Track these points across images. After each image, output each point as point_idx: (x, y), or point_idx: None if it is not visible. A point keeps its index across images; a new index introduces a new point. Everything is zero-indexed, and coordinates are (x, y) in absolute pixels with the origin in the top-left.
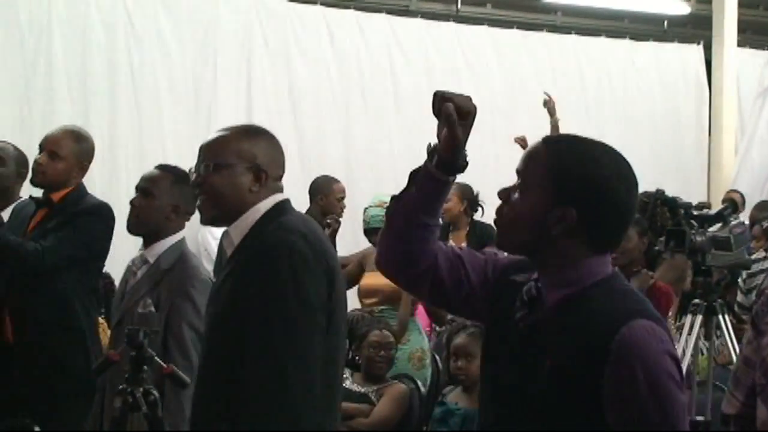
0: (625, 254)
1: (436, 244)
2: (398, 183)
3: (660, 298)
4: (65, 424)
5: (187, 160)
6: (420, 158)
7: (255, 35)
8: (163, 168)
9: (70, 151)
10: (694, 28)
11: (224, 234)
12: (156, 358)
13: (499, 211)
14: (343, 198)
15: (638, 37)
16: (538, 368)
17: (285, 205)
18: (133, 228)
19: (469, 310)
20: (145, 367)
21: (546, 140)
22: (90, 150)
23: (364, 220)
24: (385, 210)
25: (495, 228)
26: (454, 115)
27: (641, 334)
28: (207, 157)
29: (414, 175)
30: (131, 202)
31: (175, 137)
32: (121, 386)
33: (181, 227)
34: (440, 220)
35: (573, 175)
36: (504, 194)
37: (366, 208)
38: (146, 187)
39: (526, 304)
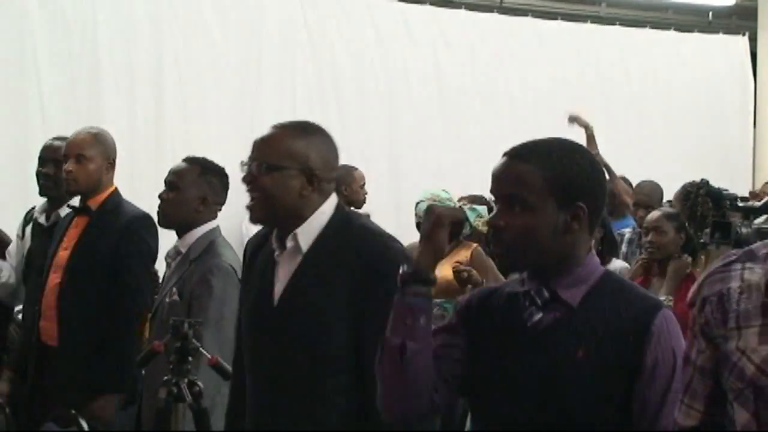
0: (661, 249)
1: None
2: (443, 174)
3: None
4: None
5: (232, 152)
6: (464, 149)
7: (299, 26)
8: (190, 160)
9: (96, 151)
10: (740, 19)
11: (282, 236)
12: (201, 349)
13: (496, 240)
14: (364, 184)
15: (683, 28)
16: (567, 360)
17: (343, 205)
18: (162, 222)
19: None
20: (190, 358)
21: (518, 155)
22: (112, 145)
23: (416, 214)
24: (437, 205)
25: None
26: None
27: (672, 322)
28: (260, 155)
29: (413, 309)
30: (160, 196)
31: (220, 129)
32: (165, 377)
33: (213, 217)
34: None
35: (571, 177)
36: (498, 222)
37: (418, 203)
38: (172, 181)
39: (541, 307)
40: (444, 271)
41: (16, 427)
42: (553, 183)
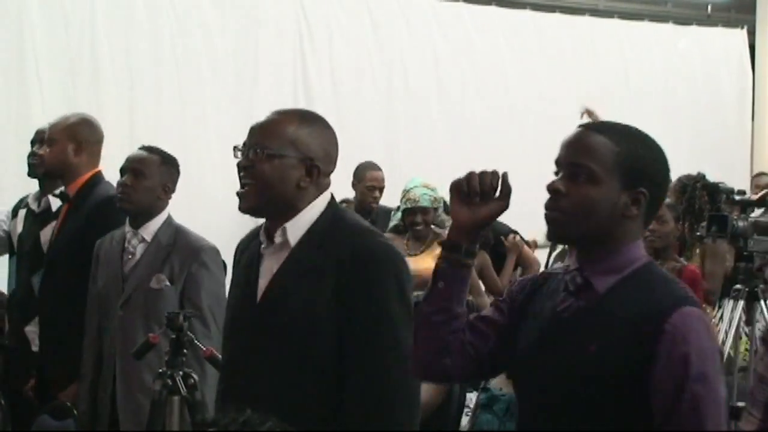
0: (662, 238)
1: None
2: (440, 167)
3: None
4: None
5: (230, 145)
6: (461, 142)
7: (297, 19)
8: (150, 149)
9: (62, 135)
10: (738, 13)
11: (271, 229)
12: (196, 341)
13: (553, 204)
14: (375, 187)
15: (681, 21)
16: (580, 353)
17: (336, 202)
18: (125, 207)
19: (503, 363)
20: (185, 350)
21: (595, 128)
22: (85, 129)
23: (410, 199)
24: (431, 192)
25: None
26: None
27: (693, 321)
28: (260, 141)
29: (437, 272)
30: (121, 183)
31: (218, 122)
32: (160, 369)
33: (166, 205)
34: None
35: (641, 159)
36: (557, 186)
37: (410, 189)
38: (137, 168)
39: (573, 293)
40: (426, 262)
41: (12, 419)
42: (622, 160)
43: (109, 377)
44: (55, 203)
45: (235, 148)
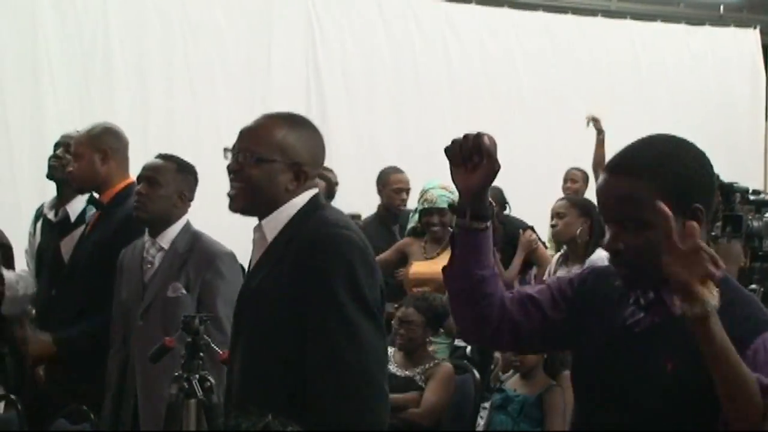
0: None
1: (501, 293)
2: None
3: None
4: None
5: None
6: None
7: (309, 21)
8: (165, 157)
9: (84, 148)
10: (750, 13)
11: (256, 228)
12: (212, 344)
13: (618, 261)
14: (401, 189)
15: (693, 21)
16: (657, 371)
17: (319, 199)
18: (140, 215)
19: (551, 344)
20: (201, 353)
21: (623, 170)
22: (108, 137)
23: (427, 200)
24: (449, 194)
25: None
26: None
27: None
28: (248, 146)
29: (453, 240)
30: (137, 192)
31: (230, 125)
32: (177, 373)
33: (185, 212)
34: (494, 268)
35: (681, 179)
36: (616, 246)
37: (427, 189)
38: (152, 176)
39: (644, 308)
40: (441, 265)
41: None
42: (666, 194)
43: (133, 388)
44: (73, 213)
45: (225, 150)
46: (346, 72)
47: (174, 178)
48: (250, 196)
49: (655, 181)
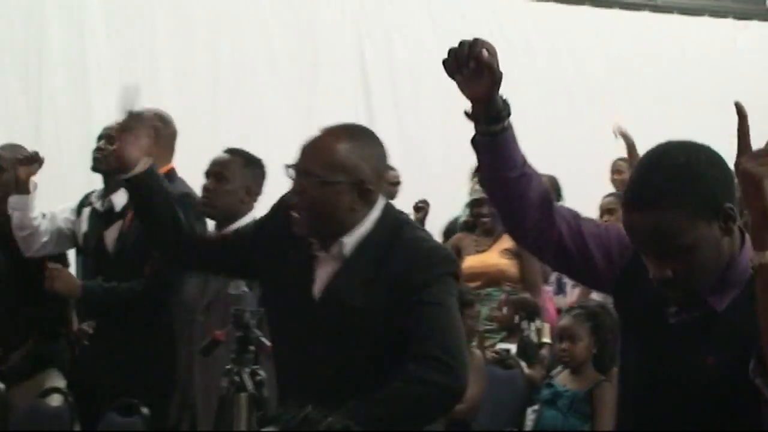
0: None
1: (538, 195)
2: None
3: None
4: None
5: (289, 146)
6: (520, 139)
7: (356, 19)
8: (233, 151)
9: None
10: None
11: (327, 244)
12: (262, 338)
13: (672, 287)
14: (396, 183)
15: (741, 16)
16: (694, 364)
17: (392, 209)
18: (207, 211)
19: (593, 283)
20: (251, 347)
21: (642, 205)
22: (152, 122)
23: (477, 189)
24: None
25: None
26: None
27: None
28: (310, 167)
29: (474, 146)
30: (204, 187)
31: (276, 124)
32: (227, 366)
33: (252, 208)
34: (525, 167)
35: (704, 190)
36: (664, 275)
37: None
38: (219, 171)
39: (683, 304)
40: (492, 258)
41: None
42: (693, 212)
43: (183, 382)
44: (118, 203)
45: (286, 166)
46: (393, 70)
47: (241, 172)
48: (314, 219)
49: (679, 206)
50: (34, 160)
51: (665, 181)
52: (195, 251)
